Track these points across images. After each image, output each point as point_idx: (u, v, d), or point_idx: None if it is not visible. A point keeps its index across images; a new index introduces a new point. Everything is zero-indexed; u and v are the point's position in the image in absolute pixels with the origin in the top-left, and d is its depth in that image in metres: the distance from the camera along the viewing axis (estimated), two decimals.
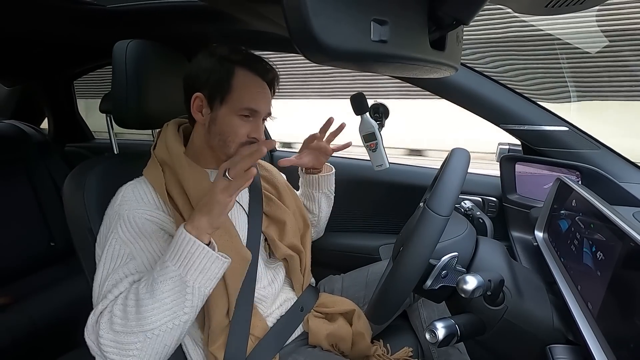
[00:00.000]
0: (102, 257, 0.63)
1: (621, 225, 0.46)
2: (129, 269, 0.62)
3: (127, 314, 0.56)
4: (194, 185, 0.68)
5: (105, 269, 0.62)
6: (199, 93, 0.70)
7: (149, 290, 0.56)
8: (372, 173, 0.95)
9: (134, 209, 0.65)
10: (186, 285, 0.57)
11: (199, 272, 0.57)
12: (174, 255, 0.57)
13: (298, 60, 4.89)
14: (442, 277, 0.55)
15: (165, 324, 0.56)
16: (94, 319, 0.58)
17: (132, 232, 0.63)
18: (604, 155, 0.85)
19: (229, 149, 0.70)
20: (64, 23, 0.98)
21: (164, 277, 0.56)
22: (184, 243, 0.56)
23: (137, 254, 0.63)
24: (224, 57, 0.70)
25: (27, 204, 1.35)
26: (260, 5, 0.64)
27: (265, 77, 0.73)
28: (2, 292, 1.19)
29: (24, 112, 1.68)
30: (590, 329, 0.47)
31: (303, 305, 0.83)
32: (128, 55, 0.79)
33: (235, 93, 0.69)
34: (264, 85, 0.72)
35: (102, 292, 0.60)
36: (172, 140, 0.73)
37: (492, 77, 0.91)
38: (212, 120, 0.71)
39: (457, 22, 0.40)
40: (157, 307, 0.56)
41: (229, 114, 0.70)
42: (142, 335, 0.55)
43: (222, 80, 0.69)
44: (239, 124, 0.70)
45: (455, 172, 0.55)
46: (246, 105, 0.69)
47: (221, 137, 0.70)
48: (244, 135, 0.70)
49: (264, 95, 0.72)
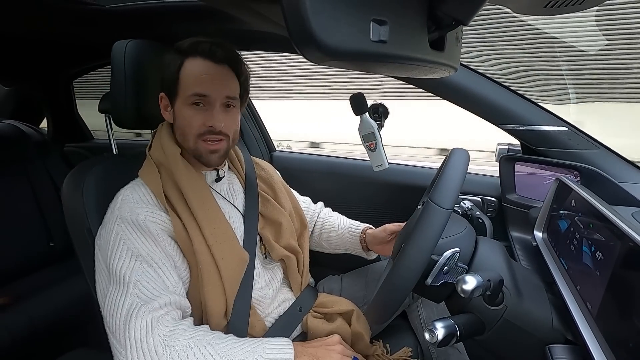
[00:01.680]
0: (113, 260, 0.60)
1: (620, 225, 0.46)
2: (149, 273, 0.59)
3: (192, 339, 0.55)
4: (190, 185, 0.68)
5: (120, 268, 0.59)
6: (162, 92, 0.71)
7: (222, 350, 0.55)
8: (372, 173, 0.95)
9: (136, 211, 0.64)
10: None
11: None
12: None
13: (298, 60, 4.90)
14: (443, 274, 0.55)
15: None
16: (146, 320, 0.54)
17: (139, 233, 0.62)
18: (603, 155, 0.85)
19: (189, 142, 0.69)
20: (63, 23, 0.98)
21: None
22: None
23: (148, 256, 0.61)
24: (175, 50, 0.69)
25: (26, 204, 1.35)
26: (259, 5, 0.63)
27: (215, 58, 0.68)
28: (1, 292, 1.18)
29: (23, 112, 1.68)
30: (590, 328, 0.47)
31: (302, 305, 0.83)
32: (127, 55, 0.79)
33: (182, 82, 0.68)
34: (214, 68, 0.68)
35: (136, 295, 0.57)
36: (167, 141, 0.72)
37: (492, 78, 0.91)
38: (174, 117, 0.71)
39: (456, 23, 0.40)
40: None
41: (182, 106, 0.69)
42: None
43: (171, 72, 0.68)
44: (191, 114, 0.68)
45: (456, 168, 0.55)
46: (193, 92, 0.67)
47: (181, 132, 0.70)
48: (200, 126, 0.68)
49: (212, 77, 0.68)
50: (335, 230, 0.98)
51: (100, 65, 1.55)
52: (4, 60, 1.38)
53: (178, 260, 0.66)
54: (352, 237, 0.95)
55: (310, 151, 3.71)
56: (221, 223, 0.70)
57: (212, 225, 0.68)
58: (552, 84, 3.51)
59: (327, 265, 1.10)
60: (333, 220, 1.00)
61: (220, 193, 0.78)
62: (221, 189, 0.79)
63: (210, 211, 0.69)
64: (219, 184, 0.78)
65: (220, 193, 0.77)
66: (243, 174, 0.85)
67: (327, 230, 0.99)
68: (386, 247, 0.88)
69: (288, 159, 1.45)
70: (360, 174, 1.26)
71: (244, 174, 0.85)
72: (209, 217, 0.68)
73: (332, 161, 1.36)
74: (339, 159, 1.37)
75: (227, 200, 0.78)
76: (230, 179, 0.83)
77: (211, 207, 0.70)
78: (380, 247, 0.90)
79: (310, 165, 1.37)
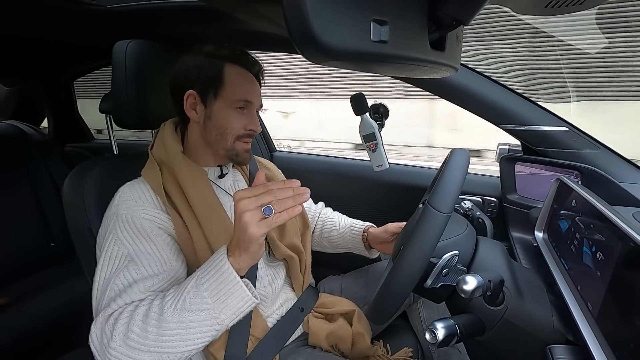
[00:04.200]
0: (101, 259, 0.62)
1: (621, 226, 0.45)
2: (130, 273, 0.59)
3: (147, 333, 0.52)
4: (192, 184, 0.69)
5: (104, 271, 0.60)
6: (191, 91, 0.72)
7: (176, 313, 0.53)
8: (372, 173, 0.95)
9: (131, 209, 0.65)
10: (216, 322, 0.54)
11: (233, 313, 0.55)
12: (212, 287, 0.53)
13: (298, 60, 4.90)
14: (442, 276, 0.55)
15: (184, 351, 0.54)
16: (99, 326, 0.55)
17: (131, 232, 0.63)
18: (603, 156, 0.85)
19: (227, 142, 0.73)
20: (63, 23, 0.98)
21: (197, 307, 0.53)
22: (226, 278, 0.53)
23: (136, 256, 0.61)
24: (210, 54, 0.72)
25: (27, 204, 1.35)
26: (260, 5, 0.64)
27: (252, 70, 0.75)
28: (2, 292, 1.18)
29: (24, 112, 1.68)
30: (590, 329, 0.47)
31: (303, 305, 0.83)
32: (128, 55, 0.80)
33: (228, 87, 0.71)
34: (252, 78, 0.75)
35: (106, 297, 0.58)
36: (170, 140, 0.73)
37: (492, 78, 0.91)
38: (207, 116, 0.72)
39: (457, 23, 0.40)
40: (182, 333, 0.53)
41: (224, 107, 0.71)
42: (157, 356, 0.53)
43: (213, 75, 0.71)
44: (234, 116, 0.72)
45: (456, 170, 0.55)
46: (240, 97, 0.72)
47: (218, 131, 0.72)
48: (240, 128, 0.73)
49: (254, 86, 0.75)
50: (336, 230, 0.98)
51: (101, 65, 1.55)
52: (4, 60, 1.38)
53: (172, 258, 0.65)
54: (354, 236, 0.95)
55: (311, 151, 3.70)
56: (222, 219, 0.70)
57: (211, 220, 0.68)
58: (552, 84, 3.51)
59: (327, 265, 1.10)
60: (334, 220, 1.00)
61: (225, 189, 0.79)
62: (226, 184, 0.80)
63: (210, 207, 0.70)
64: (224, 180, 0.79)
65: (224, 189, 0.78)
66: (247, 171, 0.87)
67: (328, 229, 0.99)
68: (388, 246, 0.88)
69: (288, 158, 1.46)
70: (360, 174, 1.26)
71: (248, 171, 0.87)
72: (210, 212, 0.69)
73: (333, 161, 1.36)
74: (339, 159, 1.37)
75: (231, 196, 0.79)
76: (235, 176, 0.84)
77: (212, 203, 0.71)
78: (382, 246, 0.90)
79: (310, 165, 1.37)
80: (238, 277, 0.54)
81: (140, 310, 0.54)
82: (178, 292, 0.55)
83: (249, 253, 0.53)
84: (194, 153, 0.75)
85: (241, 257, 0.54)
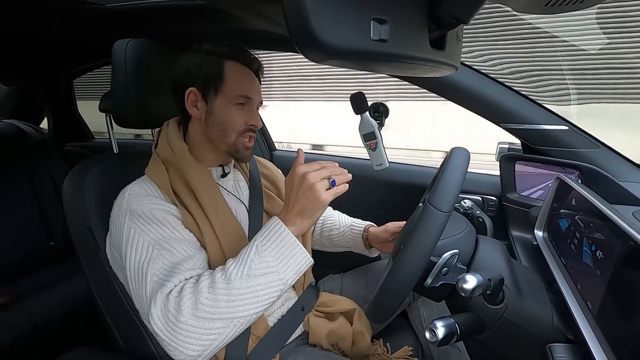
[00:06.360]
0: (129, 253, 0.61)
1: (621, 225, 0.45)
2: (166, 258, 0.60)
3: (218, 302, 0.55)
4: (199, 181, 0.69)
5: (136, 261, 0.61)
6: (192, 88, 0.72)
7: (244, 280, 0.56)
8: (372, 172, 0.95)
9: (144, 203, 0.65)
10: (281, 282, 0.58)
11: (295, 272, 0.60)
12: (275, 252, 0.58)
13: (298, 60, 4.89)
14: (442, 275, 0.55)
15: (252, 314, 0.57)
16: (160, 307, 0.56)
17: (152, 222, 0.63)
18: (603, 154, 0.85)
19: (229, 138, 0.73)
20: (63, 22, 0.98)
21: (262, 272, 0.57)
22: (287, 242, 0.59)
23: (165, 242, 0.62)
24: (211, 52, 0.73)
25: (26, 203, 1.35)
26: (260, 4, 0.64)
27: (252, 67, 0.76)
28: (2, 292, 1.18)
29: (24, 112, 1.68)
30: (590, 328, 0.47)
31: (304, 304, 0.83)
32: (127, 54, 0.79)
33: (228, 83, 0.72)
34: (252, 75, 0.76)
35: (149, 283, 0.59)
36: (175, 138, 0.73)
37: (492, 76, 0.91)
38: (208, 112, 0.73)
39: (457, 21, 0.40)
40: (251, 296, 0.56)
41: (226, 103, 0.72)
42: (228, 322, 0.56)
43: (213, 72, 0.71)
44: (236, 112, 0.73)
45: (456, 169, 0.55)
46: (240, 93, 0.72)
47: (220, 127, 0.73)
48: (242, 123, 0.73)
49: (254, 83, 0.76)
50: (336, 228, 0.98)
51: (100, 64, 1.55)
52: (4, 60, 1.37)
53: (197, 242, 0.67)
54: (354, 235, 0.96)
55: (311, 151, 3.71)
56: (229, 218, 0.72)
57: (221, 220, 0.70)
58: (553, 84, 3.50)
59: (327, 264, 1.10)
60: (334, 219, 1.00)
61: (227, 189, 0.79)
62: (227, 185, 0.80)
63: (219, 206, 0.71)
64: (225, 180, 0.80)
65: (226, 189, 0.79)
66: (247, 171, 0.87)
67: (328, 228, 0.99)
68: (388, 245, 0.88)
69: (288, 158, 1.45)
70: (360, 173, 1.25)
71: (248, 171, 0.87)
72: (218, 212, 0.70)
73: (332, 160, 1.36)
74: (339, 158, 1.37)
75: (234, 196, 0.80)
76: (236, 176, 0.84)
77: (220, 203, 0.72)
78: (382, 245, 0.90)
79: None
80: (297, 240, 0.59)
81: (204, 284, 0.57)
82: (239, 262, 0.58)
83: (313, 219, 0.61)
84: (196, 150, 0.75)
85: (303, 223, 0.61)
